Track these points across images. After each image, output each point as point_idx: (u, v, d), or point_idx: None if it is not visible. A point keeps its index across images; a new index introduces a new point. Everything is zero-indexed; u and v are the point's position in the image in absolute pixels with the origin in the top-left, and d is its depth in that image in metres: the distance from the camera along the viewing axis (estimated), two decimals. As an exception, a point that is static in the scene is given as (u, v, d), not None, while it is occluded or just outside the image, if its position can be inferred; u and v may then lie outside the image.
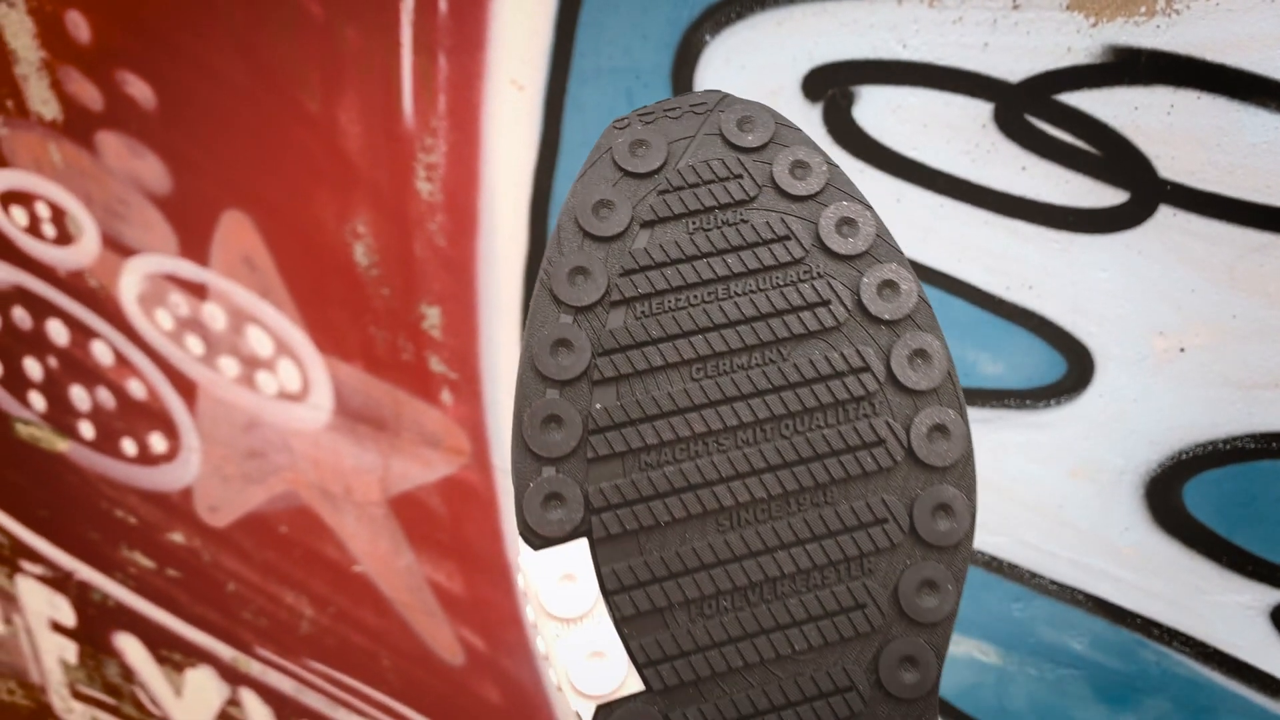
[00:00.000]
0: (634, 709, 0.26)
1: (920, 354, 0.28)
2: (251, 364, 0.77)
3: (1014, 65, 0.45)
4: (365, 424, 0.74)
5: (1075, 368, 0.49)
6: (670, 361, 0.27)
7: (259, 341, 0.75)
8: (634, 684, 0.26)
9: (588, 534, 0.27)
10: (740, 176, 0.28)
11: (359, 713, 0.89)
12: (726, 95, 0.30)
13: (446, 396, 0.69)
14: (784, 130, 0.29)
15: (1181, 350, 0.47)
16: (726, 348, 0.27)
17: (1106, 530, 0.51)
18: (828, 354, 0.28)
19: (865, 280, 0.28)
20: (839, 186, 0.29)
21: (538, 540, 0.27)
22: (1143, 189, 0.45)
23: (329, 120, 0.64)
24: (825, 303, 0.28)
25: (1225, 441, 0.47)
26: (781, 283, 0.28)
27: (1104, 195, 0.45)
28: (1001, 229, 0.48)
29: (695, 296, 0.28)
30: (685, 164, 0.28)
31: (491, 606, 0.76)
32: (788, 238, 0.28)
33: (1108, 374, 0.49)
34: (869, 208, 0.29)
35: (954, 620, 0.28)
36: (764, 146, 0.29)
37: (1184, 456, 0.48)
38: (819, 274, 0.28)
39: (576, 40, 0.54)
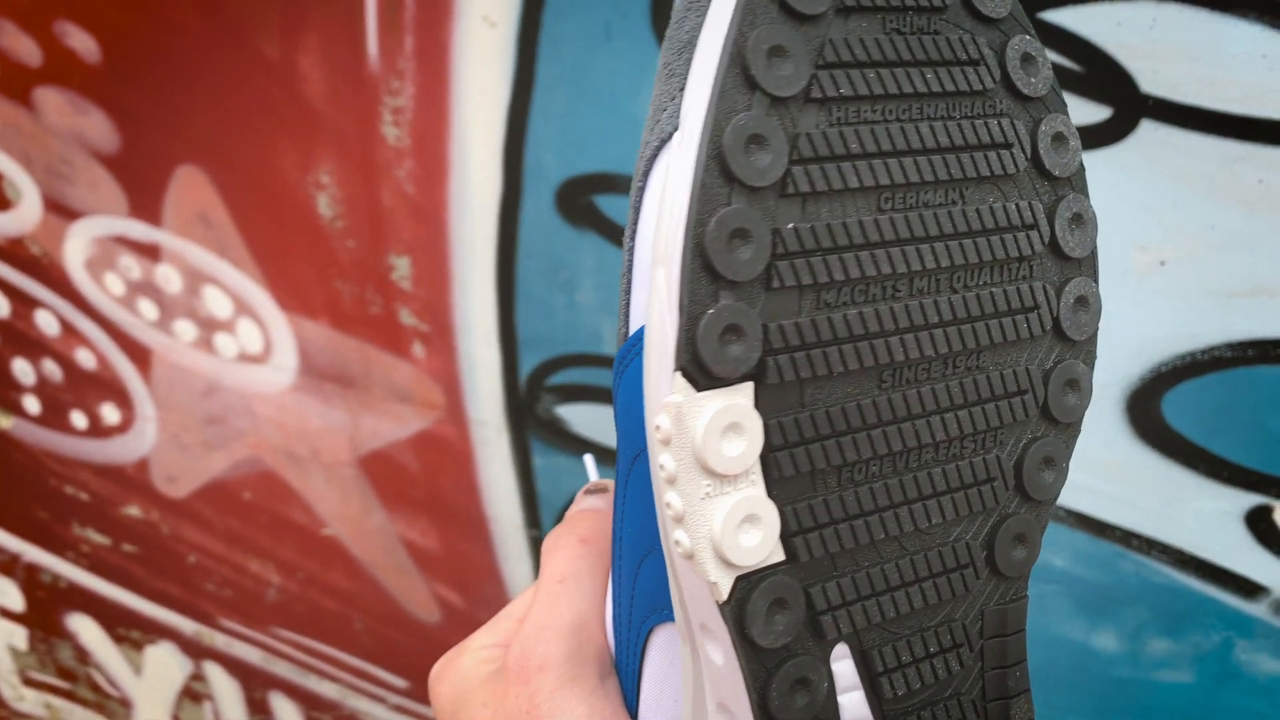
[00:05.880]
0: (778, 582, 0.23)
1: (1078, 219, 0.26)
2: (209, 326, 0.74)
3: (997, -15, 0.45)
4: (332, 382, 0.72)
5: (1058, 286, 0.50)
6: (865, 185, 0.23)
7: (217, 302, 0.73)
8: (777, 554, 0.23)
9: (757, 378, 0.23)
10: None
11: (330, 678, 0.88)
12: None
13: (418, 350, 0.68)
14: None
15: (1162, 263, 0.48)
16: (919, 179, 0.24)
17: (1088, 445, 0.53)
18: (1003, 204, 0.25)
19: (1042, 128, 0.26)
20: (1018, 18, 0.26)
21: (706, 380, 0.22)
22: (1125, 104, 0.45)
23: (289, 65, 0.62)
24: (1008, 146, 0.25)
25: (1204, 351, 0.49)
26: (970, 114, 0.25)
27: (1086, 112, 0.46)
28: (986, 150, 0.48)
29: (891, 111, 0.24)
30: None
31: (468, 560, 0.76)
32: (979, 63, 0.25)
33: (1090, 290, 0.50)
34: (1044, 47, 0.26)
35: (1057, 500, 0.27)
36: None
37: (1163, 369, 0.50)
38: (1002, 112, 0.25)
39: (550, -27, 0.54)
